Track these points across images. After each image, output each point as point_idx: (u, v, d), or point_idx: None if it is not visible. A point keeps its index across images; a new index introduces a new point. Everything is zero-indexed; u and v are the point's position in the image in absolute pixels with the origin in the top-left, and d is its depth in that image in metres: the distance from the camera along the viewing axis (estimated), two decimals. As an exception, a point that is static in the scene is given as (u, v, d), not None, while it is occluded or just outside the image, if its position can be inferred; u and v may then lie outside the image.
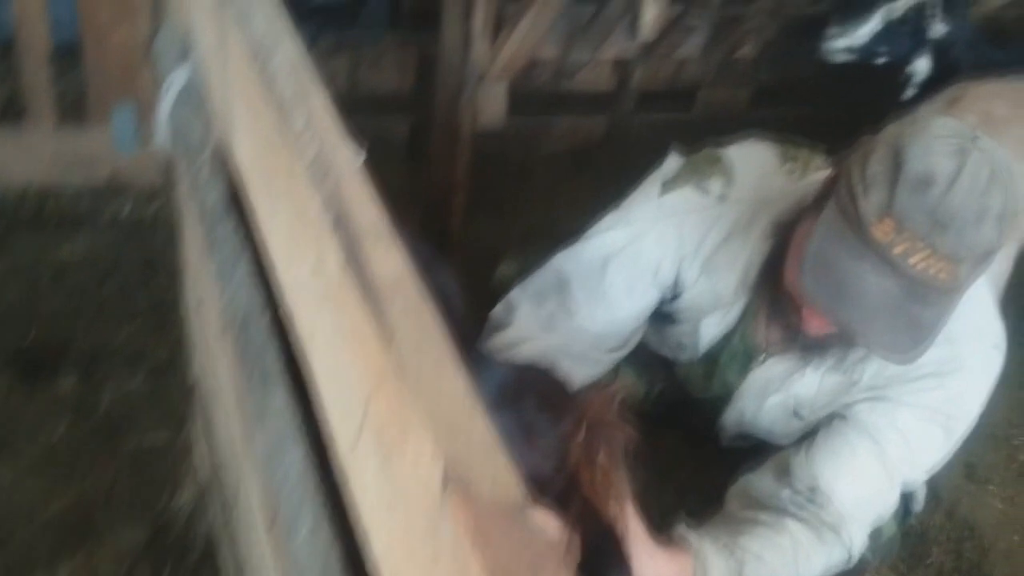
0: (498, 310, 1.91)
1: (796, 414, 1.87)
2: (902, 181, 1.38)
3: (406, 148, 3.41)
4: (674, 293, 1.88)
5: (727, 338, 1.87)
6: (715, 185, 1.78)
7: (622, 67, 3.26)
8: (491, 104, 2.83)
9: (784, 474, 1.78)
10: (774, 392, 1.86)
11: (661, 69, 3.26)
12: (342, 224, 0.78)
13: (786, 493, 1.74)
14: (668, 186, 1.82)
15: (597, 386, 1.49)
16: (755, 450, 1.96)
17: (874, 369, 1.72)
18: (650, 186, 1.85)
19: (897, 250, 1.39)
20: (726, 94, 3.64)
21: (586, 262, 1.86)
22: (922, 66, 2.91)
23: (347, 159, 0.88)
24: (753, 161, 1.81)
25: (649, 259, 1.83)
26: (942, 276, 1.39)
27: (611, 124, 3.56)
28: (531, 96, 3.20)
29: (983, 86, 2.60)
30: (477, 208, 3.10)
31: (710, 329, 1.86)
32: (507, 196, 3.37)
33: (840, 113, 3.84)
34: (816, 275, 1.46)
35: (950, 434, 1.73)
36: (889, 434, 1.72)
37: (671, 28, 2.98)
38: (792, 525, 1.67)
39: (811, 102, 3.84)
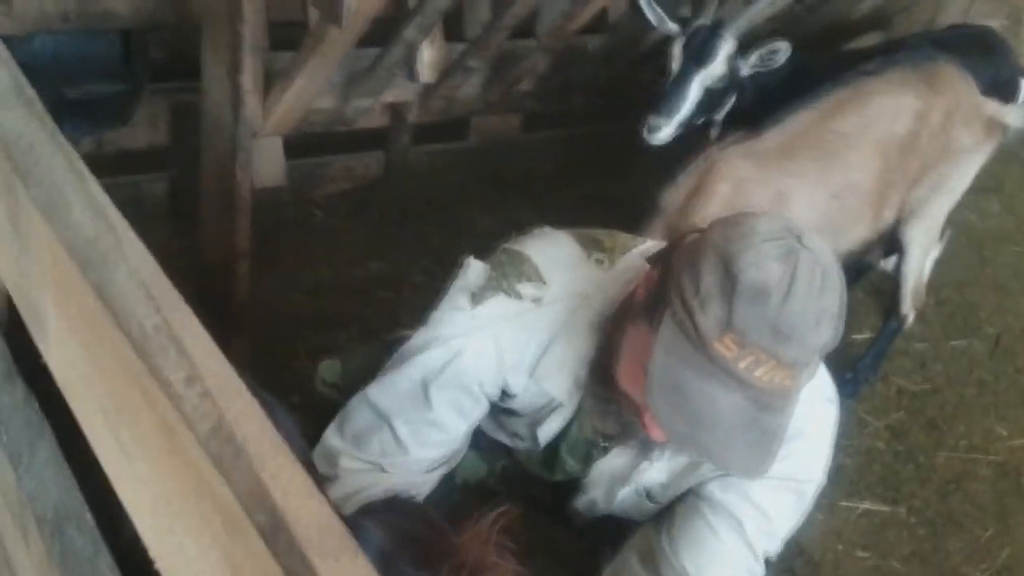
0: (319, 462, 1.77)
1: (649, 497, 1.85)
2: (738, 294, 1.35)
3: (166, 206, 3.17)
4: (507, 394, 1.81)
5: (565, 430, 1.81)
6: (527, 289, 1.69)
7: (398, 105, 3.16)
8: (267, 162, 2.66)
9: (650, 560, 1.75)
10: (623, 484, 1.82)
11: (435, 102, 3.18)
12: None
13: None
14: (478, 296, 1.70)
15: (470, 521, 1.38)
16: (610, 524, 1.92)
17: None
18: (457, 298, 1.72)
19: (742, 364, 1.35)
20: (498, 121, 3.62)
21: (404, 391, 1.72)
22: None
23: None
24: (559, 257, 1.72)
25: (471, 376, 1.70)
26: (787, 383, 1.38)
27: (388, 160, 3.46)
28: (303, 139, 3.05)
29: (728, 150, 2.64)
30: (259, 268, 2.92)
31: (548, 426, 1.80)
32: (288, 250, 3.21)
33: (607, 132, 3.96)
34: (666, 399, 1.40)
35: (802, 497, 1.74)
36: (746, 509, 1.71)
37: (451, 69, 2.90)
38: None
39: (581, 124, 3.92)
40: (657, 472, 1.77)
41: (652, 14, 2.86)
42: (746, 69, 2.86)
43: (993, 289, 4.00)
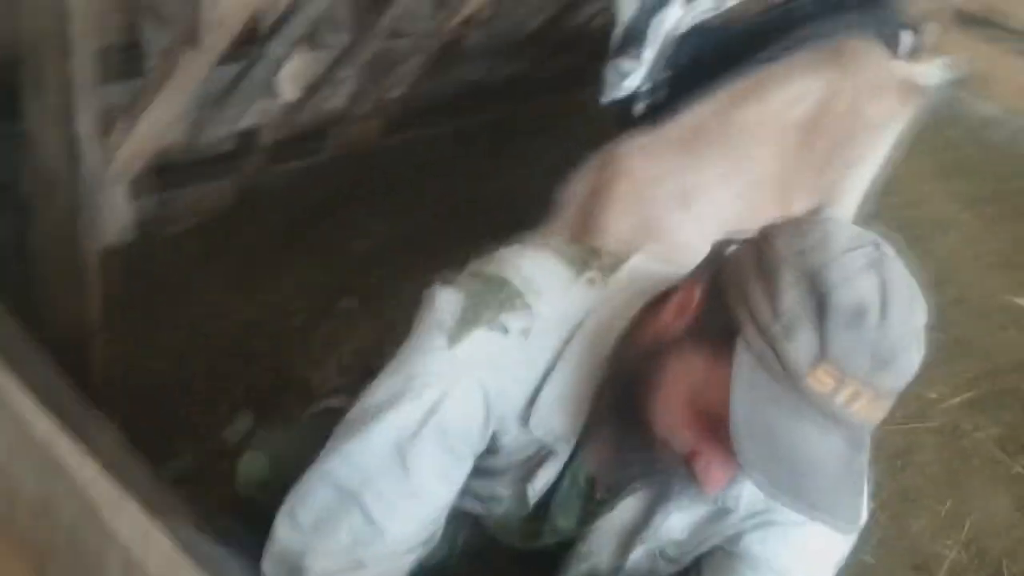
0: (275, 570, 1.41)
1: (664, 556, 1.60)
2: (832, 316, 1.17)
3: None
4: (490, 450, 1.53)
5: (556, 483, 1.56)
6: (513, 320, 1.44)
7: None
8: (112, 215, 2.20)
9: None
10: (635, 544, 1.58)
11: (298, 118, 2.76)
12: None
13: None
14: (456, 334, 1.43)
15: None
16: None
17: (749, 493, 1.52)
18: (430, 337, 1.45)
19: (840, 399, 1.18)
20: (357, 129, 3.22)
21: (374, 459, 1.41)
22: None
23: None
24: (545, 278, 1.49)
25: (456, 432, 1.45)
26: (879, 415, 1.23)
27: (240, 185, 3.01)
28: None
29: (624, 145, 2.45)
30: (112, 337, 2.45)
31: (539, 479, 1.54)
32: (141, 310, 2.72)
33: (479, 127, 3.68)
34: (758, 450, 1.19)
35: (848, 539, 1.57)
36: (791, 561, 1.53)
37: (318, 84, 2.49)
38: None
39: (446, 122, 3.60)
40: (677, 525, 1.56)
41: None
42: (698, 17, 2.65)
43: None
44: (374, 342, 2.83)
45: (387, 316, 2.94)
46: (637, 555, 1.60)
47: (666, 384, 1.32)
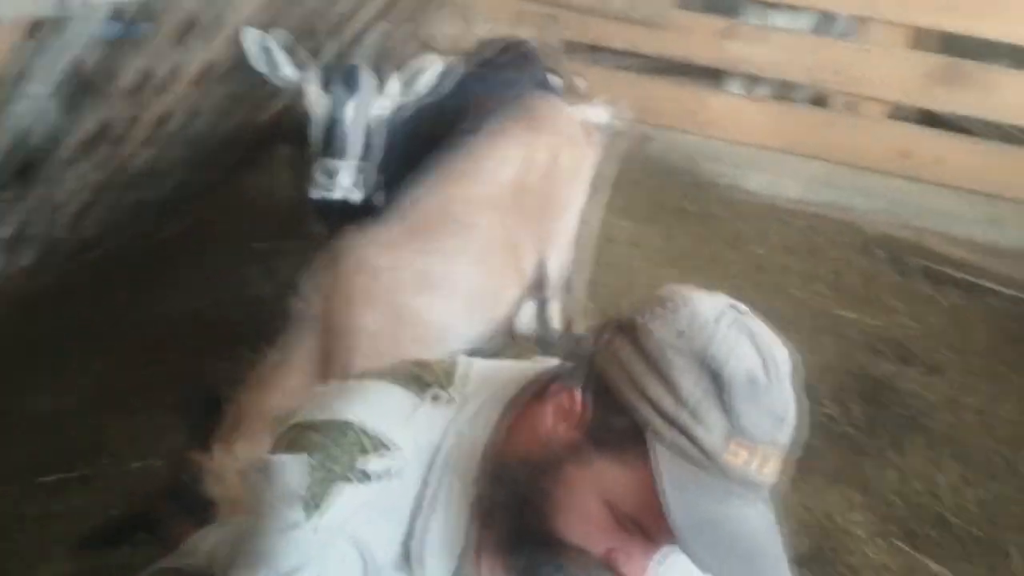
0: None
1: None
2: (730, 391, 1.19)
3: None
4: None
5: None
6: (373, 463, 1.35)
7: None
8: None
9: None
10: None
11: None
12: None
13: None
14: (312, 500, 1.33)
15: None
16: None
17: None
18: (283, 514, 1.33)
19: (754, 467, 1.21)
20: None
21: None
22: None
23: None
24: (389, 409, 1.41)
25: None
26: (779, 468, 1.25)
27: None
28: None
29: (349, 240, 2.48)
30: None
31: None
32: None
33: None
34: (704, 544, 1.19)
35: None
36: None
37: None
38: None
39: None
40: None
41: (265, 63, 2.66)
42: (391, 102, 2.73)
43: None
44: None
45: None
46: None
47: (573, 497, 1.28)
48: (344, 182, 2.65)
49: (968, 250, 4.50)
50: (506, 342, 2.92)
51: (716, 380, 1.19)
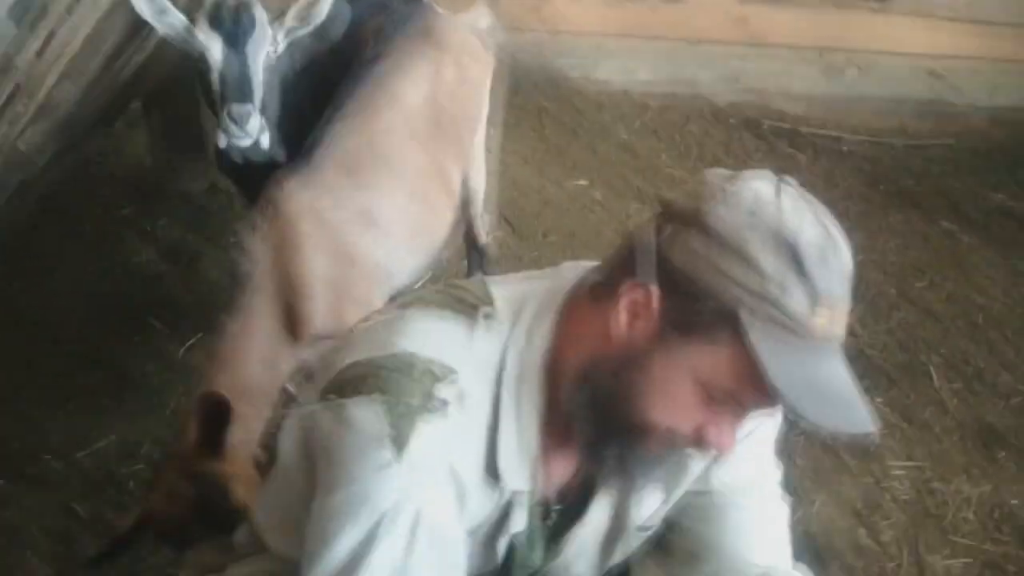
0: None
1: (642, 530, 1.61)
2: (807, 261, 1.25)
3: None
4: None
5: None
6: (444, 390, 1.36)
7: None
8: None
9: None
10: (619, 537, 1.58)
11: None
12: None
13: None
14: (400, 436, 1.33)
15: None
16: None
17: None
18: (371, 456, 1.32)
19: (835, 327, 1.29)
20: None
21: None
22: None
23: None
24: (445, 336, 1.42)
25: (443, 525, 1.36)
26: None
27: None
28: None
29: (283, 188, 2.36)
30: None
31: (513, 526, 1.49)
32: None
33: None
34: (810, 405, 1.27)
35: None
36: (755, 467, 1.60)
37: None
38: None
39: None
40: (652, 504, 1.58)
41: (149, 8, 2.46)
42: (284, 36, 2.58)
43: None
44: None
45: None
46: (619, 553, 1.60)
47: (665, 384, 1.33)
48: (254, 126, 2.53)
49: (809, 104, 4.76)
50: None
51: (793, 251, 1.25)
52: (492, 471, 1.41)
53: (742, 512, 1.59)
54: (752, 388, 1.29)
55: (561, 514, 1.53)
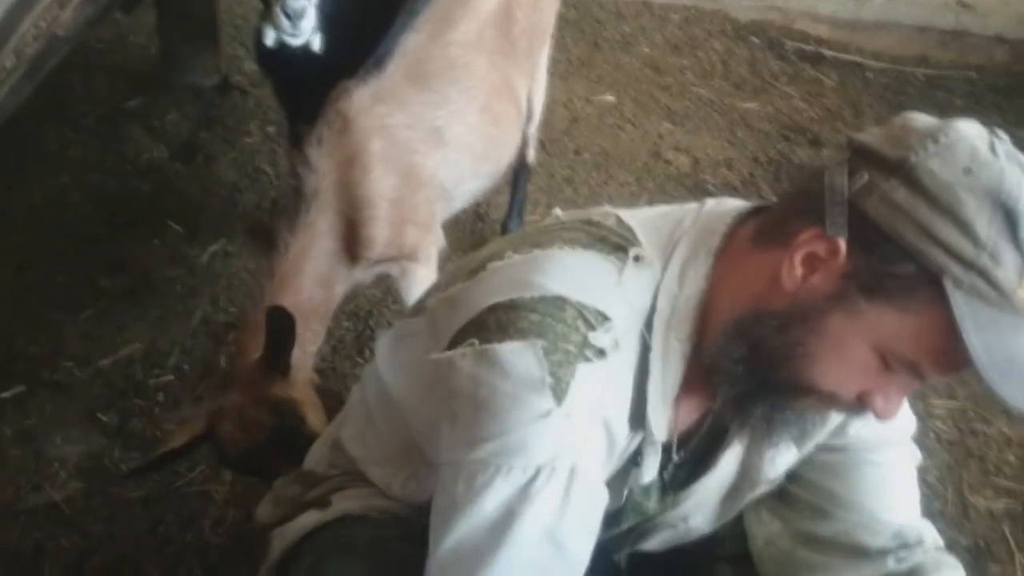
0: None
1: (770, 484, 1.55)
2: (1023, 227, 1.15)
3: None
4: None
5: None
6: (599, 337, 1.28)
7: None
8: None
9: (855, 553, 1.49)
10: (750, 489, 1.52)
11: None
12: None
13: (890, 560, 1.52)
14: (559, 383, 1.24)
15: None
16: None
17: None
18: (530, 404, 1.23)
19: None
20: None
21: (529, 559, 1.23)
22: None
23: None
24: (596, 277, 1.32)
25: (594, 474, 1.30)
26: None
27: None
28: None
29: (355, 100, 2.23)
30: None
31: (646, 471, 1.43)
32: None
33: None
34: (1009, 381, 1.16)
35: None
36: (893, 429, 1.53)
37: None
38: None
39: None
40: (783, 460, 1.51)
41: None
42: None
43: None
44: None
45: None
46: (748, 503, 1.54)
47: (839, 345, 1.23)
48: (308, 25, 2.35)
49: (833, 27, 4.64)
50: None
51: (1010, 217, 1.14)
52: (638, 420, 1.34)
53: (877, 469, 1.53)
54: (938, 359, 1.20)
55: (679, 466, 1.47)
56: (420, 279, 2.37)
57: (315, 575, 1.47)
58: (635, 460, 1.39)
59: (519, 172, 3.04)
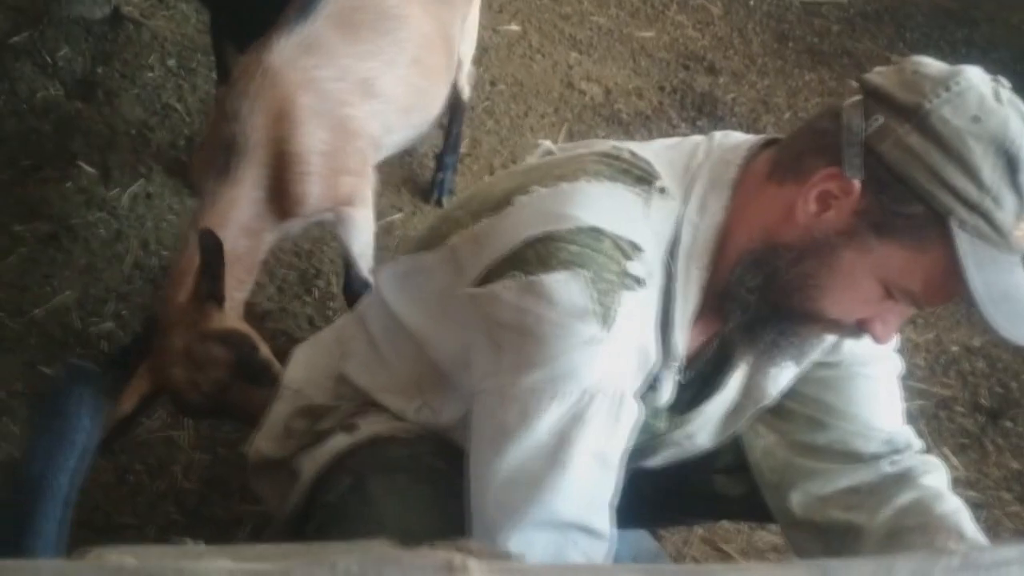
0: None
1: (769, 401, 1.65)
2: (1022, 172, 1.24)
3: None
4: None
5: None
6: (636, 267, 1.34)
7: None
8: None
9: (850, 459, 1.62)
10: (743, 413, 1.62)
11: None
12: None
13: (884, 464, 1.61)
14: (606, 311, 1.30)
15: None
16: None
17: None
18: (578, 331, 1.29)
19: None
20: None
21: (583, 482, 1.33)
22: None
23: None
24: (625, 210, 1.37)
25: (631, 393, 1.37)
26: None
27: None
28: None
29: (279, 51, 2.16)
30: None
31: (660, 397, 1.51)
32: None
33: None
34: (1004, 314, 1.27)
35: None
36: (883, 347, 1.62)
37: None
38: (922, 483, 1.58)
39: None
40: (784, 378, 1.61)
41: None
42: None
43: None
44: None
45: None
46: (747, 420, 1.63)
47: (847, 278, 1.32)
48: None
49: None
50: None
51: (1012, 163, 1.23)
52: (664, 344, 1.41)
53: (868, 382, 1.65)
54: (938, 291, 1.31)
55: (684, 387, 1.54)
56: (358, 222, 2.37)
57: (359, 492, 1.52)
58: (652, 384, 1.46)
59: (455, 109, 3.02)
